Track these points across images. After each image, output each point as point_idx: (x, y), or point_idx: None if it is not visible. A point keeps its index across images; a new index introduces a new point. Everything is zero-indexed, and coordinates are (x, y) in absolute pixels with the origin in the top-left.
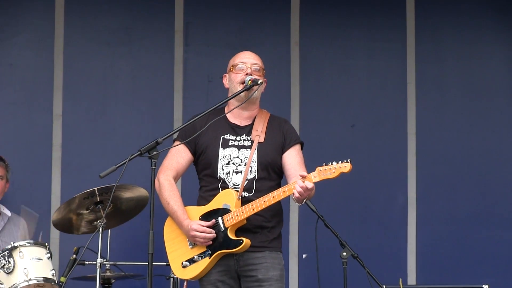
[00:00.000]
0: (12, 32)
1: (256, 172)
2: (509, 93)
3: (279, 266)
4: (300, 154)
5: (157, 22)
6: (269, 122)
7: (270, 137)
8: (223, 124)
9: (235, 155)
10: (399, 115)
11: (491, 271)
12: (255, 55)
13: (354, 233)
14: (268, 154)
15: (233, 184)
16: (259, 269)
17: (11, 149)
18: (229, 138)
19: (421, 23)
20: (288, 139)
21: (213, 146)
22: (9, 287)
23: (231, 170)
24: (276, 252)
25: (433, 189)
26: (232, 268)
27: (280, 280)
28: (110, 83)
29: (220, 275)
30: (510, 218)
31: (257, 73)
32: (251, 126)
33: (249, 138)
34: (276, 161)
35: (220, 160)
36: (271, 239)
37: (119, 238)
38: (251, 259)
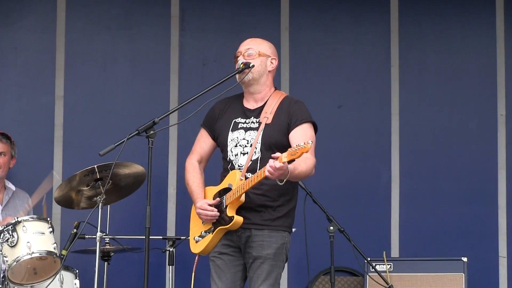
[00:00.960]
0: (16, 17)
1: (260, 153)
2: (486, 74)
3: (275, 244)
4: (307, 133)
5: (155, 8)
6: (280, 103)
7: (276, 118)
8: (238, 108)
9: (241, 137)
10: (383, 97)
11: (470, 245)
12: (252, 40)
13: (340, 209)
14: (272, 135)
15: (238, 166)
16: (255, 247)
17: (16, 128)
18: (239, 121)
19: (404, 9)
20: (294, 119)
21: (225, 130)
22: (13, 259)
23: (238, 152)
24: (277, 231)
25: (415, 167)
26: (235, 243)
27: (273, 258)
28: (110, 66)
29: (223, 247)
30: (488, 194)
31: (249, 58)
32: (261, 108)
33: (257, 120)
34: (281, 142)
35: (229, 143)
36: (275, 218)
37: (118, 213)
38: (250, 236)
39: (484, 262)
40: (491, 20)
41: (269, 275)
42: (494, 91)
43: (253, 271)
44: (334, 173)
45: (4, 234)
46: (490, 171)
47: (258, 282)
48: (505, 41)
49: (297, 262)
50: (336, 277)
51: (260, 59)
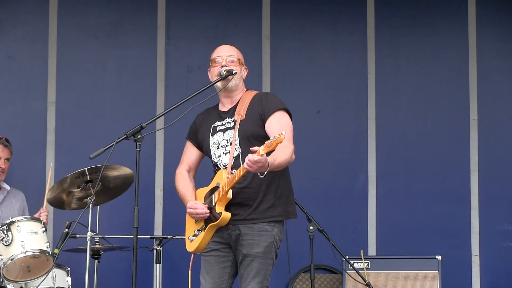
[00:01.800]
0: (9, 27)
1: (240, 148)
2: (459, 81)
3: (264, 243)
4: (282, 120)
5: (142, 18)
6: (252, 100)
7: (250, 113)
8: (214, 114)
9: (221, 138)
10: (360, 102)
11: (444, 243)
12: (231, 47)
13: (319, 209)
14: (247, 129)
15: (223, 165)
16: (245, 245)
17: (10, 133)
18: (217, 125)
19: (380, 19)
20: (267, 108)
21: (206, 136)
22: (7, 258)
23: (221, 152)
24: (265, 227)
25: (391, 169)
26: (226, 240)
27: (262, 256)
28: (99, 73)
29: (214, 244)
30: (461, 195)
31: (231, 64)
32: (234, 108)
33: (232, 119)
34: (258, 133)
35: (211, 146)
36: (264, 209)
37: (107, 213)
38: (241, 234)
39: (458, 260)
40: (463, 29)
41: (258, 272)
42: (467, 97)
43: (244, 268)
44: (314, 174)
45: None
46: (463, 173)
47: (248, 279)
48: (477, 49)
49: (279, 260)
50: (316, 274)
51: (240, 67)
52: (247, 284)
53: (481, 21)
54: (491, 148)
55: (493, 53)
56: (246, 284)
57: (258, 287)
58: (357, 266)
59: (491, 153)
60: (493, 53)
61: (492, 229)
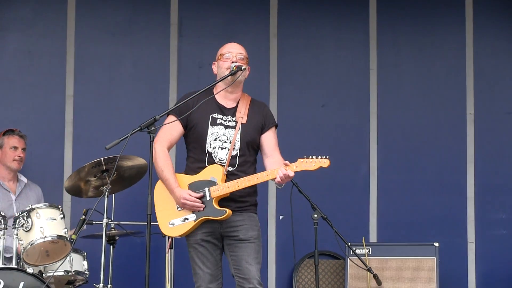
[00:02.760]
0: (29, 24)
1: (239, 149)
2: (456, 77)
3: (256, 227)
4: (275, 136)
5: (155, 16)
6: (250, 105)
7: (251, 119)
8: (212, 104)
9: (222, 132)
10: (362, 97)
11: (441, 231)
12: (240, 46)
13: (323, 198)
14: (249, 134)
15: (219, 159)
16: (240, 230)
17: (30, 125)
18: (217, 117)
19: (381, 18)
20: (268, 122)
21: (203, 123)
22: (27, 243)
23: (217, 145)
24: (253, 215)
25: (391, 161)
26: (216, 230)
27: (257, 238)
28: (115, 68)
29: (205, 235)
30: (458, 185)
31: (241, 61)
32: (235, 109)
33: (233, 119)
34: (256, 140)
35: (209, 135)
36: (249, 205)
37: (122, 201)
38: (232, 221)
39: (454, 247)
40: (461, 28)
41: (258, 253)
42: (464, 92)
43: (242, 251)
44: None
45: (19, 220)
46: (459, 164)
47: (248, 261)
48: (474, 48)
49: (284, 246)
50: (320, 260)
51: (247, 66)
52: (249, 265)
53: (478, 21)
54: (486, 141)
55: (489, 51)
56: (248, 264)
57: (258, 266)
58: (359, 252)
59: (487, 145)
60: (489, 51)
61: (487, 218)
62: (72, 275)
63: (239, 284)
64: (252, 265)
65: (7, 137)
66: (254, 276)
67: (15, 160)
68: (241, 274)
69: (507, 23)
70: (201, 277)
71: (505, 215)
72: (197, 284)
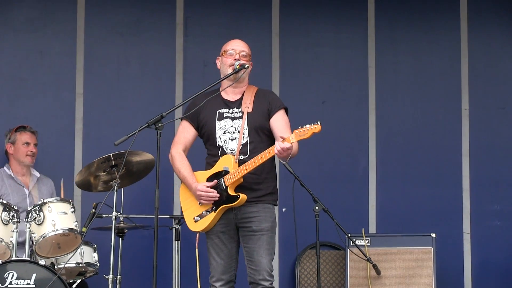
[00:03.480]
0: (41, 25)
1: (248, 137)
2: (452, 74)
3: (270, 218)
4: (284, 118)
5: (162, 17)
6: (256, 94)
7: (257, 106)
8: (218, 101)
9: (229, 125)
10: (362, 93)
11: (437, 222)
12: (244, 43)
13: (324, 191)
14: (256, 121)
15: (230, 150)
16: (254, 221)
17: (41, 122)
18: (223, 112)
19: (380, 17)
20: (273, 106)
21: (211, 120)
22: (40, 236)
23: (227, 138)
24: (269, 206)
25: (389, 155)
26: (231, 221)
27: (270, 230)
28: (123, 67)
29: (221, 227)
30: (454, 178)
31: (244, 58)
32: (241, 100)
33: (239, 110)
34: (265, 125)
35: (217, 130)
36: (265, 194)
37: (131, 195)
38: (247, 212)
39: (450, 237)
40: (456, 28)
41: (270, 245)
42: (459, 88)
43: (254, 242)
44: (319, 160)
45: (32, 213)
46: (455, 158)
47: (260, 252)
48: (468, 46)
49: (287, 237)
50: (321, 250)
51: (250, 62)
52: (260, 257)
53: (472, 20)
54: (480, 135)
55: (483, 50)
56: (259, 256)
57: (270, 258)
58: (358, 243)
59: (481, 139)
60: (483, 50)
61: (482, 209)
62: (83, 266)
63: (250, 274)
64: (264, 256)
65: (19, 133)
66: (265, 268)
67: (27, 156)
68: (253, 265)
69: (500, 22)
70: (214, 267)
71: (499, 207)
72: (211, 274)
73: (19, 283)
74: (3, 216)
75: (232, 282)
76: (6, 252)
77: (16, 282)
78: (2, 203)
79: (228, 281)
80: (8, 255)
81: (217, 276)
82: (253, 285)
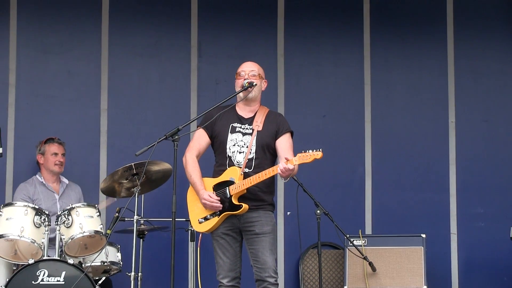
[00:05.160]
0: (69, 47)
1: (255, 153)
2: (439, 89)
3: (271, 223)
4: (289, 141)
5: (178, 39)
6: (267, 115)
7: (266, 126)
8: (232, 115)
9: (240, 139)
10: (358, 108)
11: (427, 224)
12: (253, 63)
13: (325, 196)
14: (264, 139)
15: (237, 162)
16: (256, 225)
17: (69, 135)
18: (236, 126)
19: (375, 39)
20: (281, 128)
21: (224, 132)
22: (68, 237)
23: (236, 150)
24: (268, 212)
25: (384, 163)
26: (235, 225)
27: (272, 233)
28: (143, 85)
29: (226, 229)
30: (442, 184)
31: (253, 77)
32: (253, 118)
33: (250, 127)
34: (270, 144)
35: (228, 142)
36: (265, 204)
37: (150, 200)
38: (249, 217)
39: (439, 237)
40: (443, 50)
41: (273, 246)
42: (446, 103)
43: (258, 244)
44: (320, 168)
45: (61, 217)
46: (443, 166)
47: (264, 252)
48: (454, 63)
49: (291, 238)
50: (322, 250)
51: (260, 80)
52: (265, 256)
53: (458, 43)
54: (466, 145)
55: (468, 68)
56: (264, 256)
57: (274, 257)
58: (356, 243)
59: (466, 149)
60: (468, 68)
61: (467, 212)
62: (108, 265)
63: (257, 272)
64: (268, 256)
65: (48, 145)
66: (270, 266)
67: (56, 165)
68: (259, 264)
69: (484, 44)
70: (221, 265)
71: (483, 210)
72: (217, 271)
73: (50, 280)
74: (35, 220)
75: (237, 278)
76: (38, 252)
77: (47, 279)
78: (34, 208)
79: (234, 278)
80: (40, 254)
81: (224, 273)
82: (259, 282)
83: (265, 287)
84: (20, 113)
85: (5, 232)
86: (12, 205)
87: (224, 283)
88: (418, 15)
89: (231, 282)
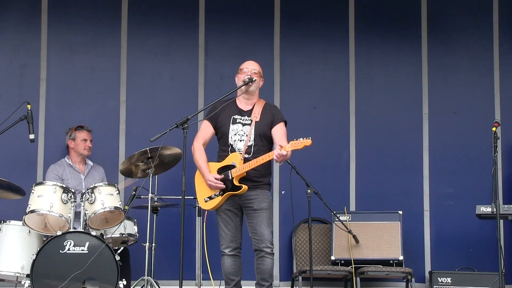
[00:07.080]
0: (91, 47)
1: (253, 141)
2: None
3: (267, 200)
4: (283, 129)
5: (187, 40)
6: (263, 107)
7: (263, 117)
8: (233, 108)
9: (240, 129)
10: (344, 100)
11: (404, 202)
12: (255, 63)
13: (315, 177)
14: (261, 129)
15: (238, 149)
16: (254, 202)
17: (92, 124)
18: (237, 118)
19: (359, 40)
20: (276, 118)
21: (226, 123)
22: (91, 212)
23: (237, 139)
24: (265, 191)
25: (366, 149)
26: (236, 202)
27: (268, 209)
28: (157, 80)
29: (228, 206)
30: (416, 167)
31: (254, 75)
32: (251, 111)
33: (249, 118)
34: (267, 133)
35: (230, 132)
36: (262, 184)
37: (163, 180)
38: (249, 195)
39: (414, 214)
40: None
41: (269, 220)
42: (420, 97)
43: (256, 218)
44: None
45: (85, 195)
46: (417, 151)
47: (261, 226)
48: (428, 61)
49: (286, 214)
50: (312, 224)
51: (259, 78)
52: (262, 229)
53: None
54: (438, 134)
55: (439, 66)
56: (261, 229)
57: (270, 230)
58: (342, 218)
59: (438, 137)
60: (439, 66)
61: (438, 192)
62: (126, 236)
63: (255, 243)
64: (265, 229)
65: (78, 131)
66: (267, 238)
67: (85, 149)
68: (257, 236)
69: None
70: (223, 237)
71: (452, 190)
72: (221, 242)
73: (75, 249)
74: (63, 197)
75: (238, 248)
76: (65, 225)
77: (73, 248)
78: (62, 186)
79: (235, 248)
80: (67, 227)
81: (226, 244)
82: (257, 252)
83: (263, 256)
84: (50, 104)
85: (36, 208)
86: (42, 184)
87: (226, 252)
88: (396, 19)
89: (233, 251)
